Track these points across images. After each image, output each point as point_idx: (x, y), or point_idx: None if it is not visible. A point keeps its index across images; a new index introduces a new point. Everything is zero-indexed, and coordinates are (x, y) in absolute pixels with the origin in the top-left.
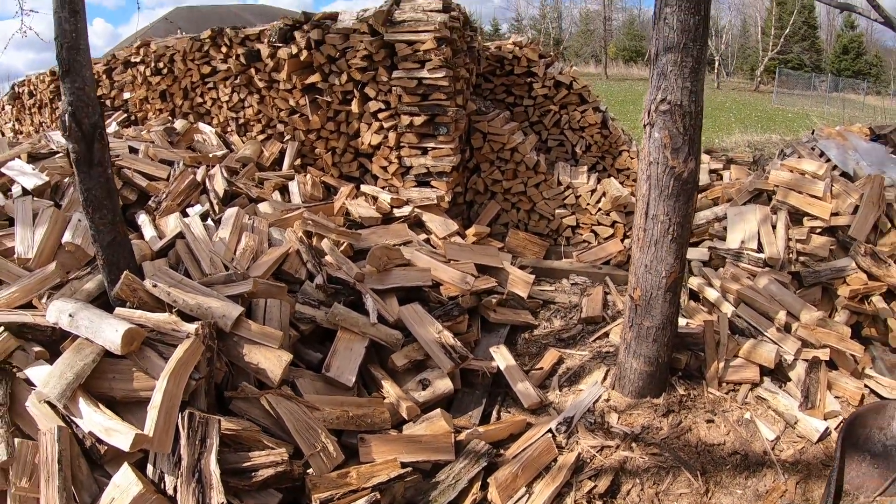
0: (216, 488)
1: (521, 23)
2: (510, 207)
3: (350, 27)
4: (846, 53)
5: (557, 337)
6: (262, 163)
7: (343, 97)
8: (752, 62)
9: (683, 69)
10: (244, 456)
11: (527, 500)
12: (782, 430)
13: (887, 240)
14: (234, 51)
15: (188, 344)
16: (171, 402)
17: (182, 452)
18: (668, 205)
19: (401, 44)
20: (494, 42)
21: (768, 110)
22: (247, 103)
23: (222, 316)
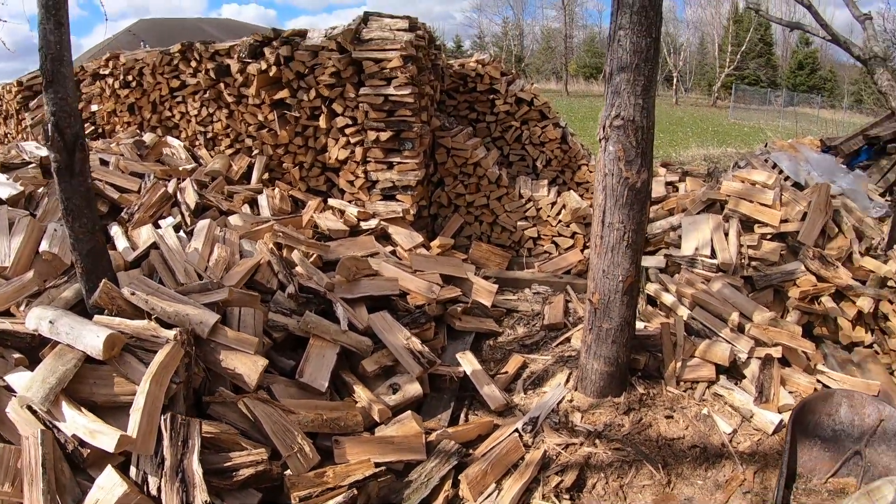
0: (199, 487)
1: (483, 40)
2: (473, 220)
3: (319, 44)
4: (801, 69)
5: (521, 343)
6: (231, 177)
7: (311, 113)
8: (709, 78)
9: (636, 87)
10: (225, 457)
11: (497, 496)
12: (739, 424)
13: (835, 244)
14: (203, 65)
15: (169, 348)
16: (154, 405)
17: (165, 453)
18: (623, 213)
19: (368, 61)
20: (458, 60)
21: (724, 125)
22: (215, 118)
23: (199, 323)
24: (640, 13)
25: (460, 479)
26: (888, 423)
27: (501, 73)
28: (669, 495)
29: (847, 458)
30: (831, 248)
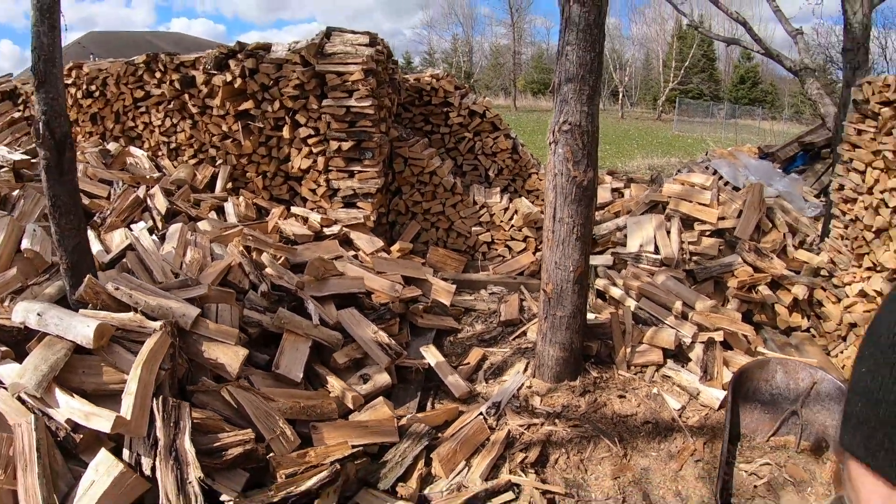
0: (193, 465)
1: (433, 56)
2: (430, 226)
3: (283, 57)
4: (743, 83)
5: (480, 338)
6: (196, 185)
7: (275, 123)
8: (654, 93)
9: (582, 96)
10: (214, 438)
11: (467, 472)
12: (687, 401)
13: (769, 237)
14: (168, 76)
15: (157, 336)
16: (145, 390)
17: (158, 434)
18: (572, 209)
19: (331, 74)
20: (413, 74)
21: (669, 137)
22: (179, 128)
23: (182, 315)
24: (586, 31)
25: (432, 457)
26: (820, 386)
27: (455, 87)
28: (627, 466)
29: (785, 418)
30: (766, 241)
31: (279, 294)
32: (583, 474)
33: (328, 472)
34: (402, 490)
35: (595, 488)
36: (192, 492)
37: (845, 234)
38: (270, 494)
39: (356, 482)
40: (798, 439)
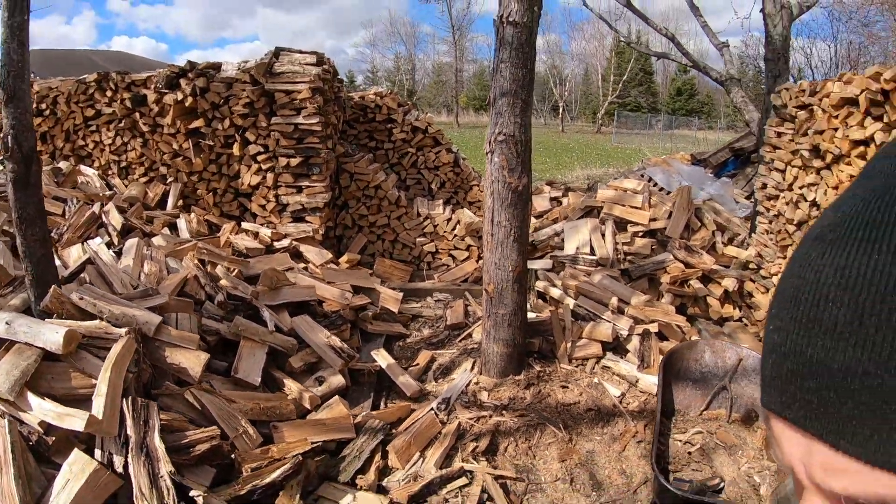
0: (163, 460)
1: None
2: (376, 239)
3: (233, 77)
4: (680, 95)
5: (428, 342)
6: (147, 203)
7: (225, 141)
8: (594, 106)
9: (515, 108)
10: (181, 436)
11: (422, 463)
12: (627, 389)
13: (698, 236)
14: (119, 95)
15: (125, 340)
16: (115, 391)
17: (129, 432)
18: (509, 212)
19: (280, 93)
20: (358, 93)
21: (608, 149)
22: (130, 146)
23: (145, 322)
24: (518, 49)
25: (388, 450)
26: (746, 362)
27: (398, 104)
28: (573, 450)
29: (716, 393)
30: (695, 239)
31: (235, 303)
32: (532, 460)
33: (291, 464)
34: (361, 482)
35: (544, 472)
36: (164, 485)
37: (770, 229)
38: (237, 487)
39: (317, 477)
40: (729, 411)
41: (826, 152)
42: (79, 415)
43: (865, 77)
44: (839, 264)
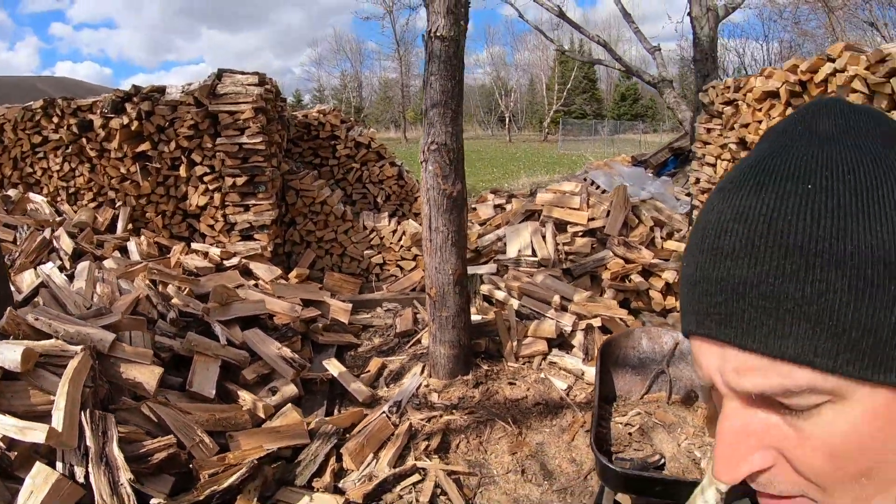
0: (122, 468)
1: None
2: (324, 254)
3: (178, 99)
4: (624, 100)
5: (379, 350)
6: (97, 228)
7: (172, 163)
8: (539, 116)
9: (446, 118)
10: (139, 446)
11: (376, 464)
12: (573, 382)
13: (637, 232)
14: (66, 121)
15: (80, 356)
16: (73, 405)
17: (89, 443)
18: (445, 218)
19: (223, 114)
20: (302, 111)
21: (555, 157)
22: (78, 172)
23: (100, 340)
24: (446, 62)
25: (342, 452)
26: (683, 345)
27: (341, 121)
28: (523, 443)
29: (655, 377)
30: (634, 236)
31: (187, 320)
32: (483, 455)
33: (247, 468)
34: (317, 484)
35: (496, 465)
36: (125, 492)
37: None
38: (196, 493)
39: (274, 483)
40: (669, 394)
41: (752, 144)
42: (39, 428)
43: (784, 70)
44: (735, 204)
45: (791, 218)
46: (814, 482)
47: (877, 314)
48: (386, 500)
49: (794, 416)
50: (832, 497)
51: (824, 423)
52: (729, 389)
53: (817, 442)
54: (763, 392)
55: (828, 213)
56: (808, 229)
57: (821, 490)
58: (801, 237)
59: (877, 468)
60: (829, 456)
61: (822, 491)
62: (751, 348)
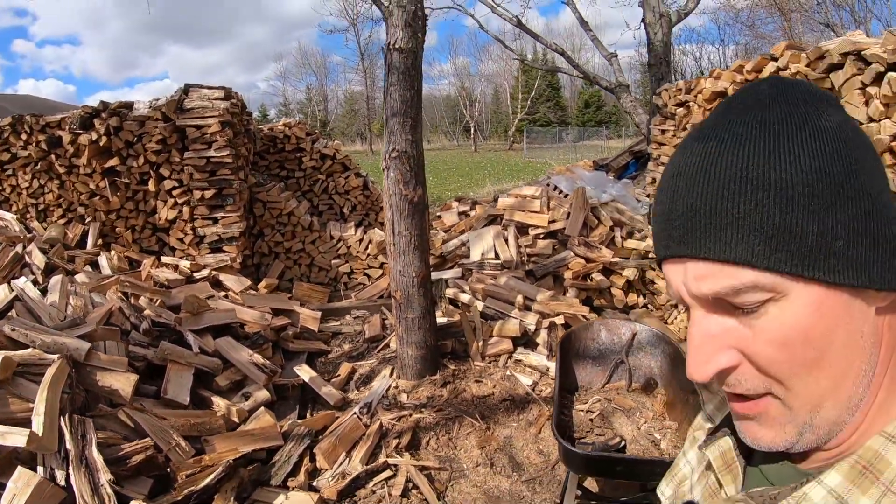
0: (102, 470)
1: (288, 107)
2: (293, 264)
3: (145, 115)
4: (588, 107)
5: (348, 356)
6: (68, 244)
7: (140, 178)
8: (504, 125)
9: (405, 127)
10: (117, 449)
11: (348, 462)
12: (539, 378)
13: (597, 232)
14: (34, 137)
15: (59, 363)
16: (53, 409)
17: (69, 446)
18: (408, 222)
19: (191, 128)
20: (268, 125)
21: (520, 164)
22: (47, 189)
23: (76, 349)
24: (405, 73)
25: (315, 452)
26: (640, 336)
27: (307, 133)
28: (491, 437)
29: (615, 367)
30: (594, 236)
31: (160, 330)
32: (453, 450)
33: (223, 468)
34: (292, 483)
35: (465, 459)
36: (105, 493)
37: None
38: (174, 494)
39: (250, 484)
40: (629, 382)
41: None
42: (20, 432)
43: (731, 71)
44: (689, 153)
45: (729, 157)
46: (773, 376)
47: (800, 223)
48: (359, 495)
49: (747, 315)
50: (793, 392)
51: (772, 318)
52: (692, 298)
53: (769, 335)
54: (717, 293)
55: (758, 153)
56: (743, 163)
57: (782, 386)
58: (737, 169)
59: (824, 359)
60: (780, 346)
61: (783, 386)
62: (704, 257)
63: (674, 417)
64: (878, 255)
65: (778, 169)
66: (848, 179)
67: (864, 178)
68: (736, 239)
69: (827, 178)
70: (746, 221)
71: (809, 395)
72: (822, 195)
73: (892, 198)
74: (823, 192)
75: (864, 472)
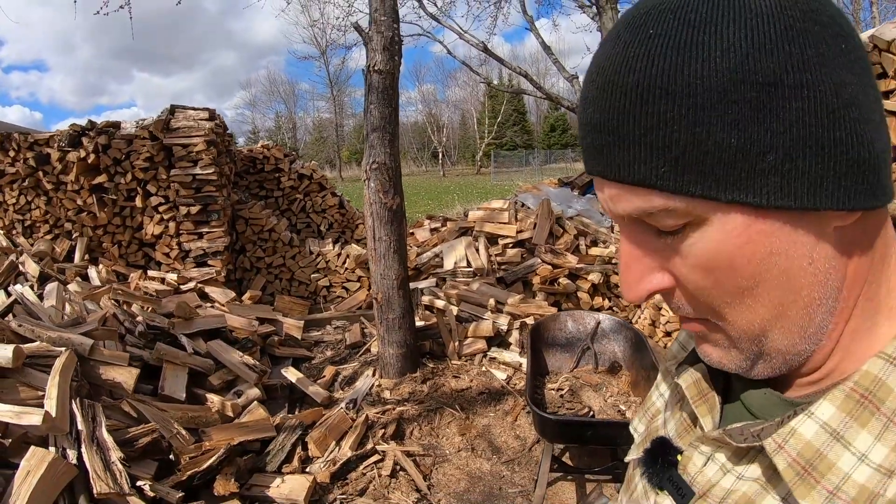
0: (113, 449)
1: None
2: (274, 279)
3: (133, 133)
4: (553, 130)
5: (331, 361)
6: (56, 258)
7: (128, 194)
8: (472, 150)
9: (384, 141)
10: (124, 432)
11: (338, 450)
12: (513, 373)
13: (562, 240)
14: (22, 154)
15: (67, 353)
16: (64, 394)
17: (80, 427)
18: (388, 229)
19: (177, 146)
20: (247, 147)
21: (487, 187)
22: (34, 205)
23: (80, 344)
24: (383, 92)
25: (307, 441)
26: (604, 324)
27: (284, 154)
28: (471, 425)
29: (582, 353)
30: (560, 244)
31: (154, 333)
32: (436, 438)
33: (224, 450)
34: (287, 469)
35: (448, 446)
36: (117, 469)
37: None
38: (179, 474)
39: (247, 472)
40: (595, 366)
41: None
42: (35, 412)
43: None
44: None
45: (632, 62)
46: (704, 303)
47: (714, 137)
48: (351, 478)
49: (671, 238)
50: (727, 321)
51: (692, 243)
52: (614, 216)
53: (692, 260)
54: (630, 214)
55: (664, 53)
56: (645, 70)
57: (716, 313)
58: (638, 77)
59: (758, 287)
60: (704, 272)
61: (717, 314)
62: (612, 178)
63: (638, 394)
64: (828, 168)
65: (686, 72)
66: (788, 74)
67: (817, 70)
68: (640, 159)
69: (753, 76)
70: (649, 139)
71: (747, 325)
72: (744, 99)
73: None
74: (747, 95)
75: (862, 401)
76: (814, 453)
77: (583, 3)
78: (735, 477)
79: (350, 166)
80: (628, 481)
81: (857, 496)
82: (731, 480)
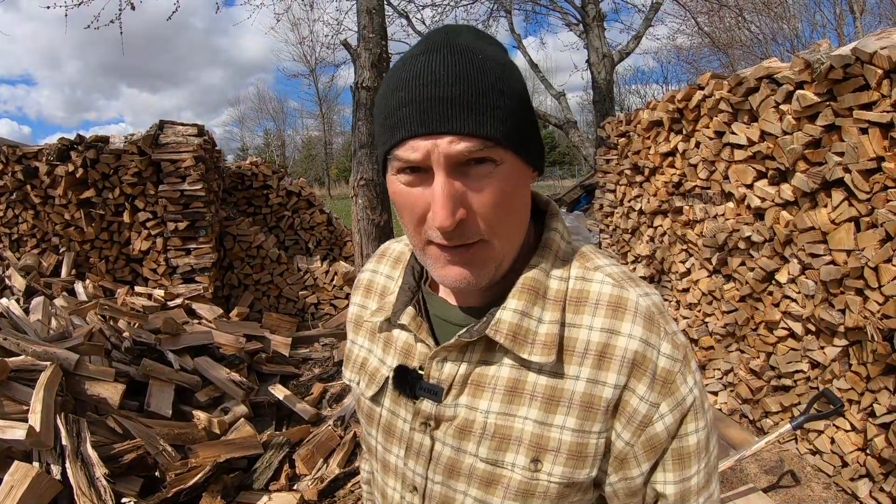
0: (98, 465)
1: (246, 152)
2: (262, 296)
3: (121, 148)
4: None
5: (319, 378)
6: (43, 272)
7: (116, 209)
8: None
9: (372, 157)
10: (109, 448)
11: (326, 468)
12: None
13: None
14: (10, 167)
15: (52, 368)
16: (48, 408)
17: (65, 442)
18: (376, 245)
19: (165, 162)
20: (235, 163)
21: None
22: (21, 218)
23: (65, 358)
24: (371, 109)
25: (295, 458)
26: None
27: (273, 171)
28: None
29: None
30: None
31: (140, 349)
32: None
33: (210, 467)
34: (274, 486)
35: None
36: (101, 485)
37: (611, 241)
38: (165, 491)
39: (234, 489)
40: None
41: (644, 167)
42: (19, 426)
43: (665, 102)
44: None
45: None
46: (489, 223)
47: (523, 119)
48: (338, 495)
49: (475, 180)
50: (498, 235)
51: (492, 181)
52: (444, 160)
53: (488, 195)
54: (471, 150)
55: (491, 70)
56: (497, 73)
57: (493, 230)
58: (494, 78)
59: (516, 211)
60: (496, 203)
61: (494, 231)
62: (466, 133)
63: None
64: (538, 148)
65: (505, 84)
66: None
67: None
68: (490, 122)
69: (526, 94)
70: (498, 113)
71: (507, 237)
72: (527, 104)
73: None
74: (528, 102)
75: (533, 291)
76: (515, 326)
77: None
78: (466, 363)
79: (339, 184)
80: (369, 418)
81: (546, 341)
82: (465, 367)
